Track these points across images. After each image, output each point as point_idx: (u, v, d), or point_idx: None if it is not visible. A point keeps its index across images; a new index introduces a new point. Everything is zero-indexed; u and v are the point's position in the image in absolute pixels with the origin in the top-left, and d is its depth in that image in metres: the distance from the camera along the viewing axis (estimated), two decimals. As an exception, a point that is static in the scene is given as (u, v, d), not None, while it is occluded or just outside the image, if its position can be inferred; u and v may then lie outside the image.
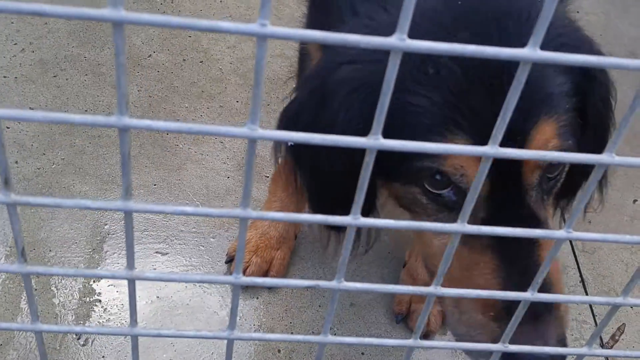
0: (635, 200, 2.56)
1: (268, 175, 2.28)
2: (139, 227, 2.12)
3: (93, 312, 1.94)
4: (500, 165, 1.19)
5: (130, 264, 0.71)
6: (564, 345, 1.24)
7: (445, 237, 1.33)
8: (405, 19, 0.52)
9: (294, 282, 0.74)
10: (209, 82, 2.57)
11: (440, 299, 1.45)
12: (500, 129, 0.59)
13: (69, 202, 0.61)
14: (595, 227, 2.44)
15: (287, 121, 1.45)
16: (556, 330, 1.22)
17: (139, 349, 0.82)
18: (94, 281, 2.00)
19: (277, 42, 2.78)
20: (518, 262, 1.25)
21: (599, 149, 1.44)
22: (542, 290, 1.21)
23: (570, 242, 2.38)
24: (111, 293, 1.98)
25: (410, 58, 1.20)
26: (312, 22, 1.87)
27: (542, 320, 1.22)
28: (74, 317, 1.93)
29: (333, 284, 0.75)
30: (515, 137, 1.19)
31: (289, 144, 1.47)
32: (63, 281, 1.99)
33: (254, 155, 0.61)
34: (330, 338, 0.81)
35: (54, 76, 2.49)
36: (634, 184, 2.61)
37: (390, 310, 2.08)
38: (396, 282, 2.13)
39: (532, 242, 1.26)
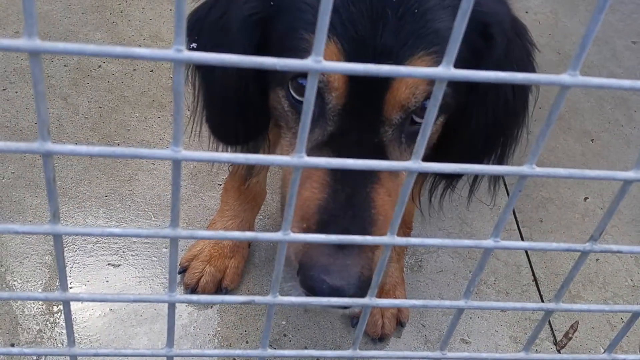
0: (586, 198, 2.59)
1: (220, 183, 2.27)
2: (90, 239, 2.11)
3: (57, 325, 1.93)
4: (364, 86, 1.20)
5: (64, 286, 0.71)
6: (365, 287, 1.18)
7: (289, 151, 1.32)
8: (320, 42, 0.53)
9: (228, 299, 0.74)
10: (159, 91, 2.56)
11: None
12: (420, 145, 0.60)
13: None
14: (547, 225, 2.47)
15: (194, 21, 1.45)
16: (359, 268, 1.19)
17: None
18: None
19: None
20: (348, 186, 1.23)
21: (486, 117, 1.42)
22: (360, 226, 1.20)
23: (522, 240, 2.41)
24: (77, 303, 1.97)
25: None
26: None
27: (347, 252, 1.19)
28: (38, 327, 1.91)
29: (268, 299, 0.75)
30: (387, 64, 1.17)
31: (192, 45, 1.44)
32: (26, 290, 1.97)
33: (180, 176, 0.62)
34: (269, 352, 0.81)
35: (3, 89, 2.46)
36: (584, 182, 2.64)
37: (345, 315, 2.09)
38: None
39: (371, 174, 1.24)
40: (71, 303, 2.01)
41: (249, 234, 0.68)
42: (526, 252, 2.38)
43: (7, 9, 2.73)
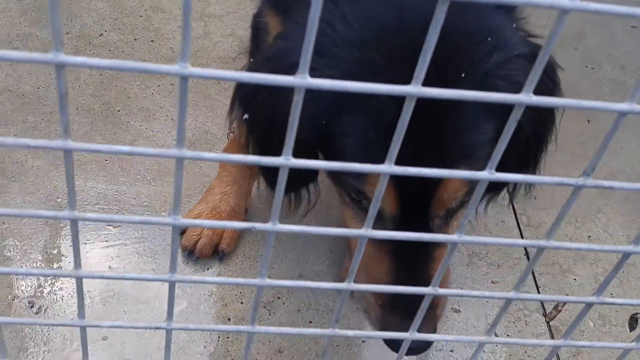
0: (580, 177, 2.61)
1: (219, 150, 2.30)
2: (90, 200, 2.14)
3: (54, 283, 1.96)
4: (411, 192, 1.38)
5: (72, 205, 0.73)
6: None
7: (359, 223, 1.52)
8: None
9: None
10: (159, 61, 2.59)
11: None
12: (421, 69, 0.62)
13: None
14: (540, 202, 2.50)
15: (243, 97, 1.55)
16: (427, 328, 1.47)
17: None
18: (56, 250, 2.02)
19: (228, 22, 2.81)
20: (410, 268, 1.47)
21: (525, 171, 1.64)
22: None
23: (516, 216, 2.44)
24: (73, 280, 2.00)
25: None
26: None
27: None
28: (34, 287, 1.94)
29: (268, 226, 0.78)
30: (430, 180, 1.33)
31: (244, 116, 1.52)
32: (22, 252, 2.01)
33: (187, 94, 0.64)
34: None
35: (6, 54, 2.49)
36: (578, 161, 2.66)
37: (339, 280, 2.11)
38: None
39: (428, 255, 1.47)
40: (68, 279, 2.03)
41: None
42: (518, 226, 2.41)
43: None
